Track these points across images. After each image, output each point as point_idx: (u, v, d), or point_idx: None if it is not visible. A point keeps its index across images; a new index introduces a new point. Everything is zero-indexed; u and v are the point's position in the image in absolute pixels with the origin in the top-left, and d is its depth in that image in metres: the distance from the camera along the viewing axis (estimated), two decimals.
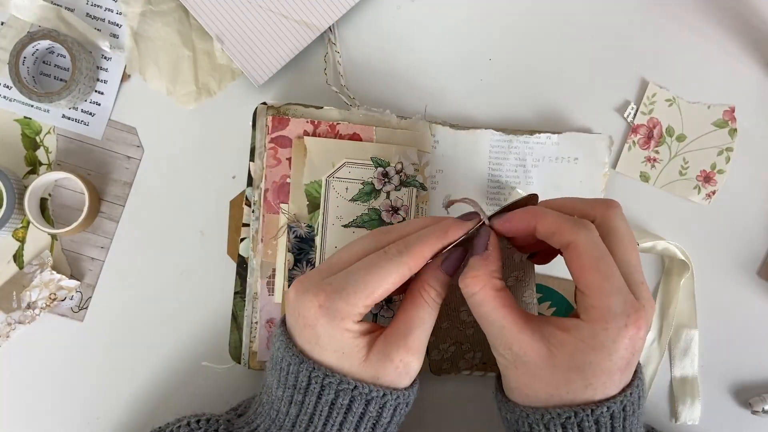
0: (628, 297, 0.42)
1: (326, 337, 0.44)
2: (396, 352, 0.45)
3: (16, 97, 0.60)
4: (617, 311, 0.41)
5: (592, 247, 0.43)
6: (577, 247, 0.43)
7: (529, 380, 0.44)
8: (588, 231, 0.43)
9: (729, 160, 0.61)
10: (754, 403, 0.58)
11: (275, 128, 0.57)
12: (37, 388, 0.59)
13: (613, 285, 0.42)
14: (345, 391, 0.44)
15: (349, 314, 0.44)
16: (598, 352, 0.42)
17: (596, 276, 0.42)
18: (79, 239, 0.60)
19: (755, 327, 0.60)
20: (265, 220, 0.57)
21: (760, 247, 0.61)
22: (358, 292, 0.44)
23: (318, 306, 0.44)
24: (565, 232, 0.43)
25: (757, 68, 0.62)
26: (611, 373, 0.42)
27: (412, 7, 0.62)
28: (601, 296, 0.42)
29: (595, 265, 0.42)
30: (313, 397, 0.45)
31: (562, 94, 0.62)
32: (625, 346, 0.42)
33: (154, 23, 0.60)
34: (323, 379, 0.44)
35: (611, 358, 0.42)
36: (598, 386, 0.43)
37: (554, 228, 0.44)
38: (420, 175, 0.58)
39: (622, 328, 0.41)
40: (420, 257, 0.45)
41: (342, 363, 0.45)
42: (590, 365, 0.42)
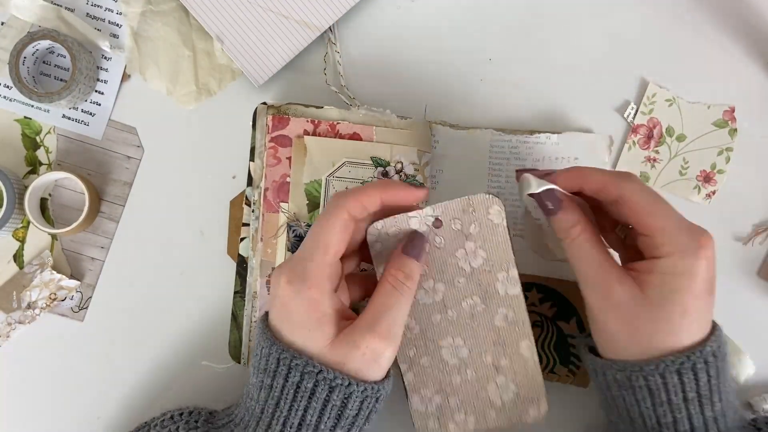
0: (691, 225, 0.46)
1: (296, 311, 0.45)
2: (362, 339, 0.45)
3: (17, 97, 0.60)
4: (687, 239, 0.45)
5: (643, 193, 0.46)
6: (629, 197, 0.46)
7: (629, 324, 0.46)
8: (633, 181, 0.47)
9: (729, 160, 0.61)
10: (754, 403, 0.58)
11: (275, 127, 0.57)
12: (37, 388, 0.59)
13: (675, 219, 0.46)
14: (310, 374, 0.44)
15: (317, 280, 0.45)
16: (684, 279, 0.44)
17: (656, 217, 0.46)
18: (79, 239, 0.60)
19: (755, 327, 0.60)
20: (264, 219, 0.57)
21: (760, 247, 0.61)
22: (313, 252, 0.45)
23: (286, 281, 0.45)
24: (612, 186, 0.47)
25: (757, 68, 0.62)
26: (700, 296, 0.45)
27: (412, 7, 0.62)
28: (668, 232, 0.45)
29: (652, 207, 0.46)
30: (280, 379, 0.45)
31: (562, 94, 0.62)
32: (704, 267, 0.45)
33: (155, 23, 0.60)
34: (290, 360, 0.44)
35: (696, 281, 0.44)
36: (693, 312, 0.45)
37: (601, 184, 0.48)
38: (420, 174, 0.58)
39: (698, 251, 0.44)
40: (357, 200, 0.46)
41: (308, 343, 0.45)
42: (679, 292, 0.44)
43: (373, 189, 0.47)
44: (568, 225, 0.48)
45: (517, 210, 0.59)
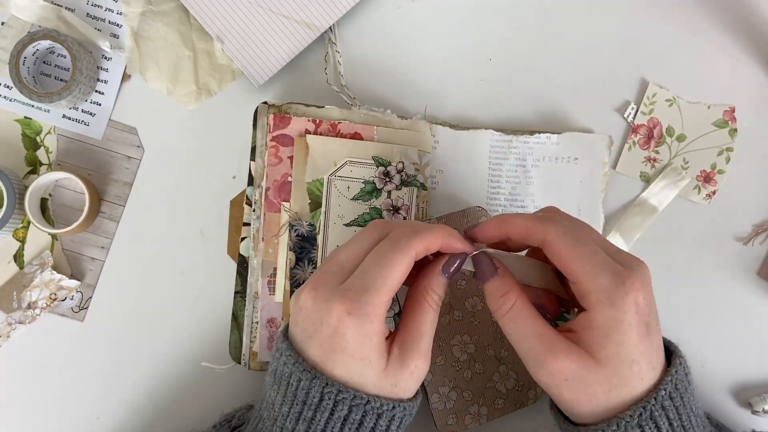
0: (615, 267, 0.44)
1: (355, 343, 0.43)
2: (411, 358, 0.45)
3: (17, 97, 0.60)
4: (611, 286, 0.43)
5: (563, 237, 0.45)
6: (551, 242, 0.45)
7: (582, 392, 0.44)
8: (556, 224, 0.45)
9: (729, 160, 0.61)
10: (754, 403, 0.58)
11: (276, 126, 0.57)
12: (37, 388, 0.59)
13: (596, 263, 0.44)
14: (358, 407, 0.44)
15: (377, 315, 0.44)
16: (619, 330, 0.43)
17: (576, 263, 0.44)
18: (79, 239, 0.59)
19: (755, 327, 0.60)
20: (266, 218, 0.57)
21: (760, 247, 0.61)
22: (379, 289, 0.44)
23: (346, 312, 0.43)
24: (534, 231, 0.46)
25: (757, 68, 0.62)
26: (640, 341, 0.43)
27: (413, 7, 0.62)
28: (590, 279, 0.43)
29: (572, 252, 0.44)
30: (325, 413, 0.44)
31: (562, 94, 0.62)
32: (633, 312, 0.43)
33: (155, 23, 0.60)
34: (336, 394, 0.43)
35: (631, 329, 0.43)
36: (640, 359, 0.43)
37: (524, 230, 0.46)
38: (421, 174, 0.58)
39: (624, 297, 0.43)
40: (425, 244, 0.46)
41: (366, 371, 0.44)
42: (621, 344, 0.43)
43: (438, 235, 0.47)
44: (499, 293, 0.47)
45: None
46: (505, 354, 0.57)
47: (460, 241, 0.48)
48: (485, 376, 0.56)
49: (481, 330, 0.56)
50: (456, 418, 0.56)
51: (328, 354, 0.44)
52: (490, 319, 0.56)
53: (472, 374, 0.56)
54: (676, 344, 0.48)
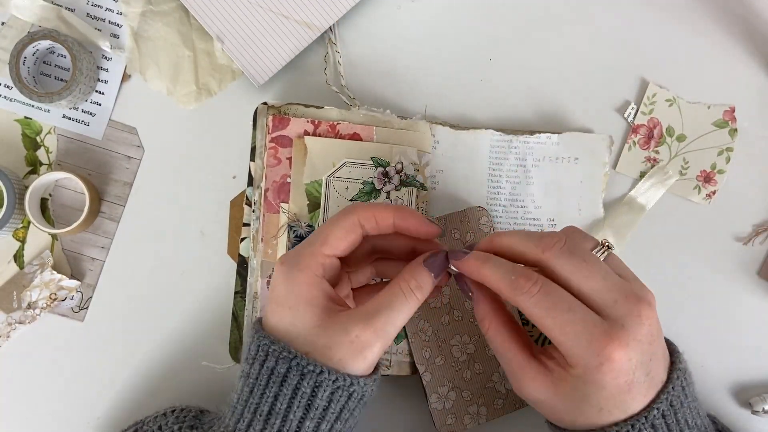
0: (595, 331, 0.42)
1: (284, 291, 0.45)
2: (354, 327, 0.43)
3: (17, 97, 0.60)
4: (586, 354, 0.42)
5: (535, 309, 0.43)
6: (524, 310, 0.44)
7: (556, 414, 0.45)
8: (526, 296, 0.44)
9: (729, 160, 0.61)
10: (754, 403, 0.58)
11: (276, 128, 0.57)
12: (37, 388, 0.59)
13: (570, 332, 0.42)
14: (284, 359, 0.43)
15: (308, 264, 0.45)
16: (590, 386, 0.42)
17: (551, 331, 0.43)
18: (79, 239, 0.60)
19: (755, 327, 0.60)
20: (265, 219, 0.57)
21: (760, 247, 0.61)
22: (313, 243, 0.46)
23: (280, 263, 0.46)
24: (508, 295, 0.44)
25: (757, 68, 0.62)
26: (613, 397, 0.42)
27: (412, 7, 0.62)
28: (564, 346, 0.43)
29: (544, 322, 0.43)
30: (256, 365, 0.44)
31: (562, 94, 0.62)
32: (611, 378, 0.42)
33: (155, 23, 0.60)
34: (269, 346, 0.44)
35: (605, 389, 0.42)
36: (612, 409, 0.43)
37: (498, 290, 0.45)
38: (420, 175, 0.58)
39: (597, 367, 0.42)
40: (370, 213, 0.47)
41: (295, 321, 0.44)
42: (590, 396, 0.43)
43: (388, 208, 0.47)
44: (478, 317, 0.48)
45: (517, 210, 0.60)
46: None
47: (418, 219, 0.47)
48: (485, 377, 0.56)
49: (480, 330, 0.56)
50: (455, 418, 0.56)
51: (270, 304, 0.46)
52: None
53: (472, 374, 0.56)
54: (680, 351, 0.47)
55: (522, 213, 0.60)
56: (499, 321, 0.47)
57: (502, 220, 0.59)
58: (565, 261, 0.44)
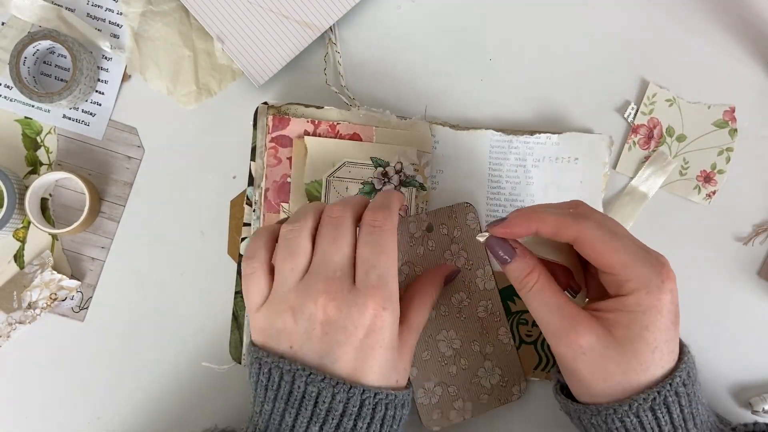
0: (650, 257, 0.45)
1: (391, 335, 0.45)
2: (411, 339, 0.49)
3: (17, 98, 0.60)
4: (650, 274, 0.44)
5: (599, 232, 0.45)
6: (585, 237, 0.45)
7: (600, 369, 0.45)
8: (588, 220, 0.46)
9: (729, 160, 0.61)
10: (754, 403, 0.58)
11: (276, 128, 0.57)
12: (37, 388, 0.59)
13: (634, 254, 0.45)
14: (391, 403, 0.45)
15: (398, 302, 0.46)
16: (650, 314, 0.44)
17: (615, 255, 0.45)
18: (79, 239, 0.60)
19: (755, 327, 0.60)
20: (266, 219, 0.57)
21: (760, 247, 0.61)
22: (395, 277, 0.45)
23: (382, 308, 0.44)
24: (566, 227, 0.46)
25: (757, 68, 0.62)
26: (668, 329, 0.45)
27: (412, 7, 0.62)
28: (630, 269, 0.44)
29: (610, 245, 0.45)
30: (366, 419, 0.44)
31: (562, 94, 0.62)
32: (669, 300, 0.45)
33: (155, 23, 0.60)
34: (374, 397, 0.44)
35: (662, 314, 0.44)
36: (663, 345, 0.45)
37: (555, 227, 0.46)
38: (420, 175, 0.58)
39: (660, 285, 0.44)
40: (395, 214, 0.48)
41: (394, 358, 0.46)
42: (648, 329, 0.44)
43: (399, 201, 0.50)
44: (522, 274, 0.48)
45: None
46: (491, 350, 0.57)
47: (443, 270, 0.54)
48: (470, 372, 0.56)
49: (467, 325, 0.57)
50: (441, 413, 0.56)
51: (366, 355, 0.44)
52: (476, 315, 0.57)
53: (458, 369, 0.56)
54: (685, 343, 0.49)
55: None
56: (545, 272, 0.48)
57: None
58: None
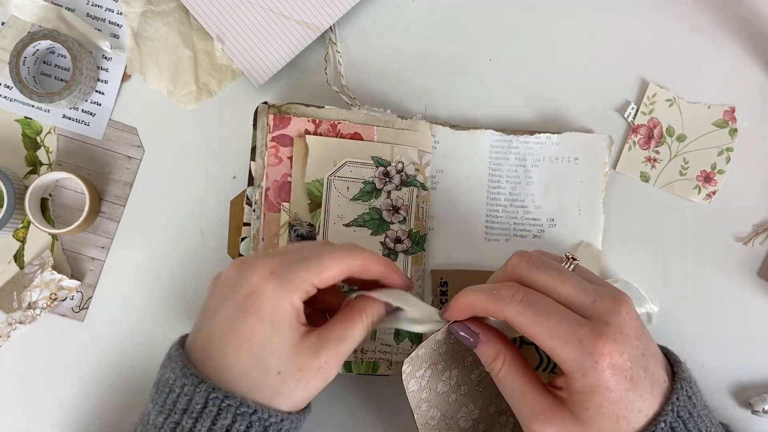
0: (583, 332, 0.42)
1: (270, 305, 0.43)
2: (325, 352, 0.44)
3: (17, 97, 0.60)
4: (580, 357, 0.42)
5: (521, 315, 0.44)
6: (515, 322, 0.44)
7: None
8: (510, 303, 0.44)
9: (729, 160, 0.61)
10: (754, 403, 0.58)
11: (276, 127, 0.57)
12: (37, 388, 0.59)
13: (562, 338, 0.42)
14: (243, 416, 0.42)
15: (299, 287, 0.44)
16: (597, 393, 0.42)
17: (542, 340, 0.43)
18: (79, 239, 0.60)
19: (755, 327, 0.60)
20: (266, 219, 0.57)
21: (760, 247, 0.61)
22: (312, 267, 0.44)
23: (269, 272, 0.44)
24: (495, 311, 0.45)
25: (757, 68, 0.62)
26: (623, 397, 0.42)
27: (412, 7, 0.62)
28: (558, 353, 0.43)
29: (533, 329, 0.43)
30: (206, 422, 0.42)
31: (562, 94, 0.62)
32: (610, 373, 0.42)
33: (155, 23, 0.60)
34: (222, 401, 0.42)
35: (609, 389, 0.42)
36: (627, 414, 0.43)
37: (486, 312, 0.45)
38: (420, 175, 0.58)
39: (595, 366, 0.42)
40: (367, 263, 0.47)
41: (273, 339, 0.43)
42: (601, 407, 0.42)
43: (379, 263, 0.48)
44: (489, 359, 0.47)
45: (517, 210, 0.59)
46: (505, 405, 0.55)
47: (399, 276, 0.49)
48: (488, 428, 0.55)
49: (484, 394, 0.54)
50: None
51: (237, 316, 0.43)
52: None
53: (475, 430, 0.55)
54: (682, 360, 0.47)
55: (522, 213, 0.60)
56: (511, 356, 0.46)
57: (502, 220, 0.59)
58: (536, 276, 0.45)
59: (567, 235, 0.59)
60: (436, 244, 0.59)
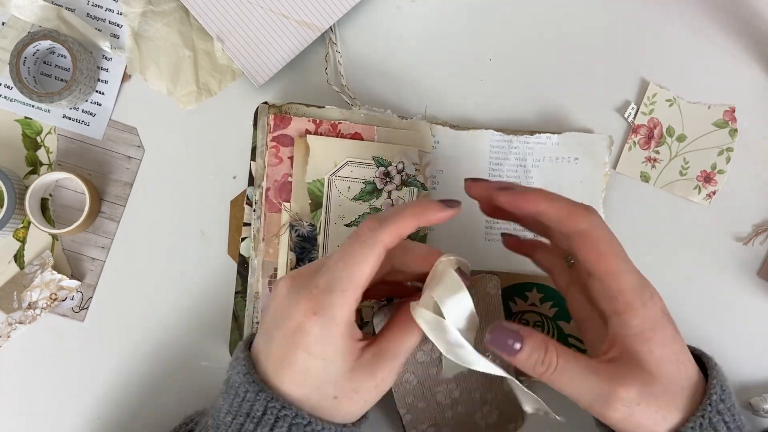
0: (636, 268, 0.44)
1: (318, 344, 0.42)
2: (381, 370, 0.43)
3: (17, 98, 0.60)
4: (642, 286, 0.43)
5: (606, 232, 0.43)
6: (591, 233, 0.42)
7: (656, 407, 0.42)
8: (598, 217, 0.43)
9: (729, 160, 0.61)
10: (755, 403, 0.58)
11: (277, 127, 0.57)
12: (37, 388, 0.59)
13: (628, 261, 0.43)
14: (297, 426, 0.42)
15: (342, 317, 0.42)
16: (658, 328, 0.43)
17: (615, 260, 0.43)
18: (79, 239, 0.60)
19: (755, 327, 0.60)
20: (266, 218, 0.57)
21: (760, 247, 0.61)
22: (345, 289, 0.42)
23: (312, 312, 0.42)
24: (577, 217, 0.42)
25: (757, 68, 0.62)
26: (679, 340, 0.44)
27: (412, 7, 0.62)
28: (624, 277, 0.43)
29: (610, 247, 0.43)
30: (265, 428, 0.42)
31: (562, 94, 0.62)
32: (662, 310, 0.44)
33: (155, 23, 0.60)
34: (279, 410, 0.42)
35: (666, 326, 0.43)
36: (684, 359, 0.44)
37: (565, 213, 0.42)
38: (421, 175, 0.58)
39: (653, 296, 0.43)
40: (394, 232, 0.43)
41: (328, 369, 0.42)
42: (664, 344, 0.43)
43: (410, 216, 0.44)
44: (540, 356, 0.43)
45: None
46: (491, 396, 0.55)
47: (440, 210, 0.45)
48: (467, 415, 0.55)
49: (469, 378, 0.54)
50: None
51: (289, 349, 0.42)
52: None
53: (453, 414, 0.55)
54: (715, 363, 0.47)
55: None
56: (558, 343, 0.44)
57: (502, 220, 0.59)
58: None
59: None
60: (436, 244, 0.59)
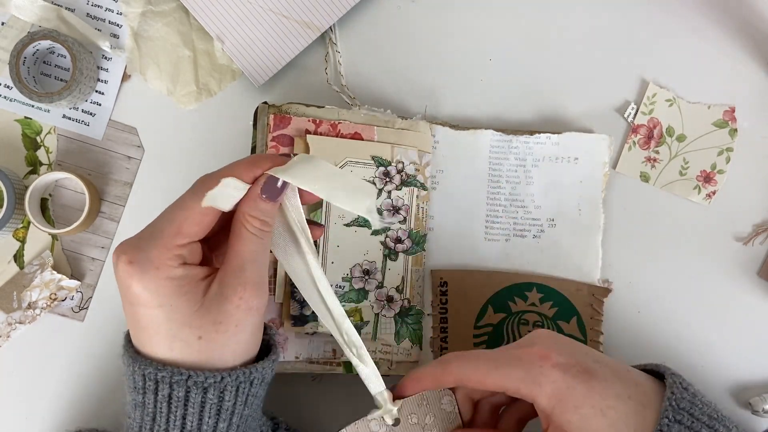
0: (518, 352, 0.44)
1: (146, 294, 0.40)
2: (233, 290, 0.41)
3: (17, 98, 0.60)
4: (525, 370, 0.43)
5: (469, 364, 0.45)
6: (462, 376, 0.46)
7: None
8: (455, 360, 0.46)
9: (729, 160, 0.61)
10: (754, 403, 0.58)
11: (276, 127, 0.57)
12: (37, 388, 0.59)
13: (502, 364, 0.44)
14: (179, 383, 0.40)
15: (163, 261, 0.40)
16: (564, 396, 0.42)
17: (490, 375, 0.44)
18: (79, 239, 0.60)
19: (755, 327, 0.60)
20: None
21: (760, 247, 0.61)
22: (165, 232, 0.41)
23: (128, 263, 0.40)
24: (443, 375, 0.46)
25: (757, 68, 0.62)
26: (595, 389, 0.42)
27: (412, 7, 0.62)
28: (507, 383, 0.44)
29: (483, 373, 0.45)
30: (150, 395, 0.41)
31: (562, 94, 0.62)
32: (560, 373, 0.43)
33: (155, 23, 0.60)
34: (155, 374, 0.40)
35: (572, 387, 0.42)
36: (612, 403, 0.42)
37: (433, 380, 0.47)
38: (420, 174, 0.58)
39: (541, 371, 0.43)
40: (221, 176, 0.42)
41: (171, 315, 0.40)
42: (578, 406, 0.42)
43: (239, 166, 0.43)
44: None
45: (517, 211, 0.59)
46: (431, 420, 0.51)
47: (268, 161, 0.43)
48: None
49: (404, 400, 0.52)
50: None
51: (132, 311, 0.41)
52: None
53: None
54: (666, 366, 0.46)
55: (522, 213, 0.60)
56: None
57: (501, 220, 0.59)
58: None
59: (567, 235, 0.59)
60: (436, 244, 0.59)
